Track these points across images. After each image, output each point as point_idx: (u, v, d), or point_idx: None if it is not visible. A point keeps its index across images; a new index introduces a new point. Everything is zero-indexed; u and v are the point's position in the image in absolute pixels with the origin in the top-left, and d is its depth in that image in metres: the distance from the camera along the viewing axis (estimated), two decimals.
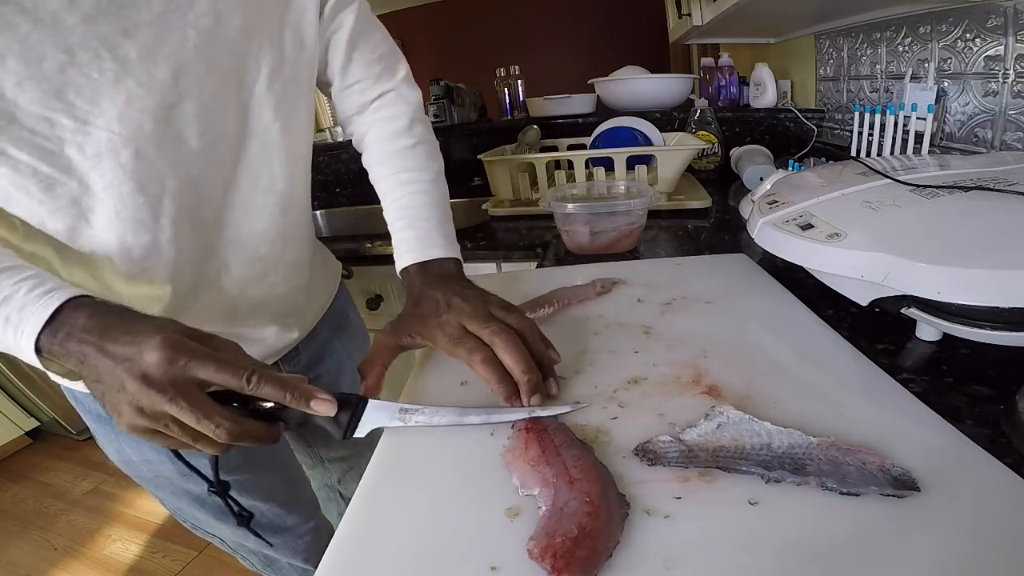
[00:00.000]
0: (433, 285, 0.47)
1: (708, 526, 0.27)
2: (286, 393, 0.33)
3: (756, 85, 1.35)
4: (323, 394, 0.34)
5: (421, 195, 0.55)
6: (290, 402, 0.33)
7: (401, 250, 0.53)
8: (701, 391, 0.38)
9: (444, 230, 0.54)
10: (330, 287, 0.69)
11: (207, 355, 0.32)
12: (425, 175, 0.57)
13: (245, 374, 0.32)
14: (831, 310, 0.49)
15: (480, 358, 0.39)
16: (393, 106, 0.59)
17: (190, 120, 0.42)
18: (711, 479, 0.30)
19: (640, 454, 0.32)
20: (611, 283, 0.59)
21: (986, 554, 0.24)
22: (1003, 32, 0.67)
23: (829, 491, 0.28)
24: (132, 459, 0.55)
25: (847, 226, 0.43)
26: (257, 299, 0.54)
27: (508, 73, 1.63)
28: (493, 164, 1.10)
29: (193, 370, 0.32)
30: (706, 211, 0.97)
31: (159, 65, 0.39)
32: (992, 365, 0.40)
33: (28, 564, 1.46)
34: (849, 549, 0.25)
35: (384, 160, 0.58)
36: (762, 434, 0.32)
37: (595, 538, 0.26)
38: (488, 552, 0.27)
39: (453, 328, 0.42)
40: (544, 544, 0.26)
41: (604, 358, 0.45)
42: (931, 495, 0.27)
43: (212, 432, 0.32)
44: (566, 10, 3.33)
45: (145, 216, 0.43)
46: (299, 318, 0.61)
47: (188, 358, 0.32)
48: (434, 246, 0.52)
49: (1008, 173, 0.44)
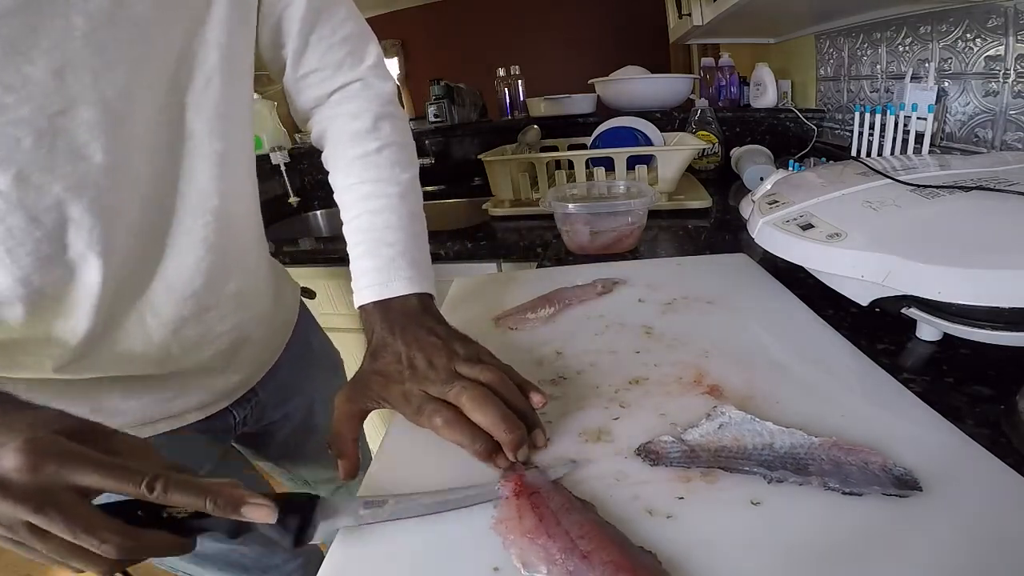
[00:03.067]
0: (393, 331, 0.41)
1: (711, 526, 0.27)
2: (206, 500, 0.27)
3: (756, 85, 1.35)
4: (258, 499, 0.28)
5: (385, 213, 0.46)
6: (213, 511, 0.28)
7: (359, 284, 0.45)
8: (703, 391, 0.38)
9: (410, 257, 0.45)
10: (288, 315, 0.60)
11: (89, 459, 0.27)
12: (390, 188, 0.47)
13: (145, 480, 0.27)
14: (831, 310, 0.49)
15: (440, 422, 0.34)
16: (357, 99, 0.50)
17: (89, 130, 0.34)
18: (713, 479, 0.30)
19: (642, 454, 0.32)
20: (612, 283, 0.59)
21: (988, 553, 0.24)
22: (1003, 32, 0.67)
23: (831, 491, 0.28)
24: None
25: (847, 226, 0.43)
26: (193, 339, 0.45)
27: (508, 73, 1.63)
28: (493, 164, 1.10)
29: (69, 476, 0.26)
30: (706, 211, 0.97)
31: (35, 63, 0.31)
32: (992, 365, 0.40)
33: (29, 563, 1.46)
34: (852, 549, 0.25)
35: (344, 167, 0.49)
36: (764, 434, 0.32)
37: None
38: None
39: (416, 397, 0.37)
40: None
41: (605, 358, 0.45)
42: (933, 495, 0.27)
43: (97, 548, 0.26)
44: (566, 10, 3.33)
45: (50, 251, 0.34)
46: (251, 357, 0.53)
47: (59, 463, 0.26)
48: (397, 279, 0.44)
49: (1008, 173, 0.44)
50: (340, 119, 0.50)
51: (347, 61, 0.50)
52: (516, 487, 0.31)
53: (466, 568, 0.27)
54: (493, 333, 0.52)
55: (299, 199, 1.50)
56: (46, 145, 0.32)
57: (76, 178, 0.34)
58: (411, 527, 0.29)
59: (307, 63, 0.49)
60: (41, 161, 0.32)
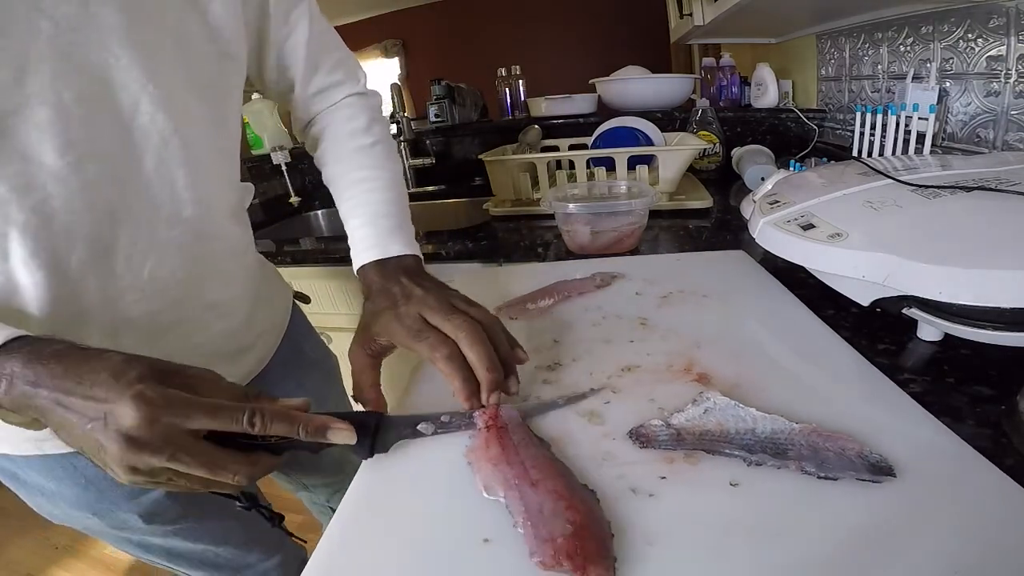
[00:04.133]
0: (390, 280, 0.44)
1: (690, 505, 0.28)
2: (297, 427, 0.31)
3: (757, 85, 1.35)
4: (339, 423, 0.32)
5: (380, 192, 0.51)
6: (305, 437, 0.31)
7: (358, 248, 0.48)
8: (692, 379, 0.39)
9: (405, 229, 0.50)
10: (278, 320, 0.61)
11: (192, 403, 0.29)
12: (384, 174, 0.53)
13: (245, 416, 0.29)
14: (832, 310, 0.49)
15: (444, 354, 0.36)
16: (354, 107, 0.57)
17: (41, 131, 0.33)
18: (695, 461, 0.31)
19: (633, 437, 0.33)
20: (611, 277, 0.60)
21: (956, 537, 0.25)
22: (1005, 32, 0.67)
23: (808, 475, 0.29)
24: (53, 512, 0.48)
25: (848, 226, 0.43)
26: (170, 351, 0.43)
27: (509, 73, 1.63)
28: (494, 164, 1.10)
29: (184, 423, 0.28)
30: (707, 211, 0.97)
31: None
32: (993, 365, 0.40)
33: (29, 563, 1.46)
34: (824, 530, 0.26)
35: (340, 158, 0.55)
36: (747, 419, 0.33)
37: (591, 526, 0.26)
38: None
39: (412, 320, 0.39)
40: (551, 551, 0.25)
41: (600, 347, 0.46)
42: (906, 481, 0.28)
43: (231, 480, 0.30)
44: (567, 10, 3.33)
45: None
46: (236, 363, 0.53)
47: (172, 413, 0.28)
48: (395, 243, 0.48)
49: (1010, 173, 0.44)
50: (338, 121, 0.56)
51: (347, 79, 0.57)
52: (489, 420, 0.35)
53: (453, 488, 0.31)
54: None
55: (300, 199, 1.50)
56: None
57: (25, 182, 0.33)
58: (413, 452, 0.35)
59: (316, 83, 0.55)
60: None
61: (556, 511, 0.27)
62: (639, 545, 0.26)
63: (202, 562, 0.57)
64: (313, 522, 0.84)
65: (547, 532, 0.26)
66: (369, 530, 0.30)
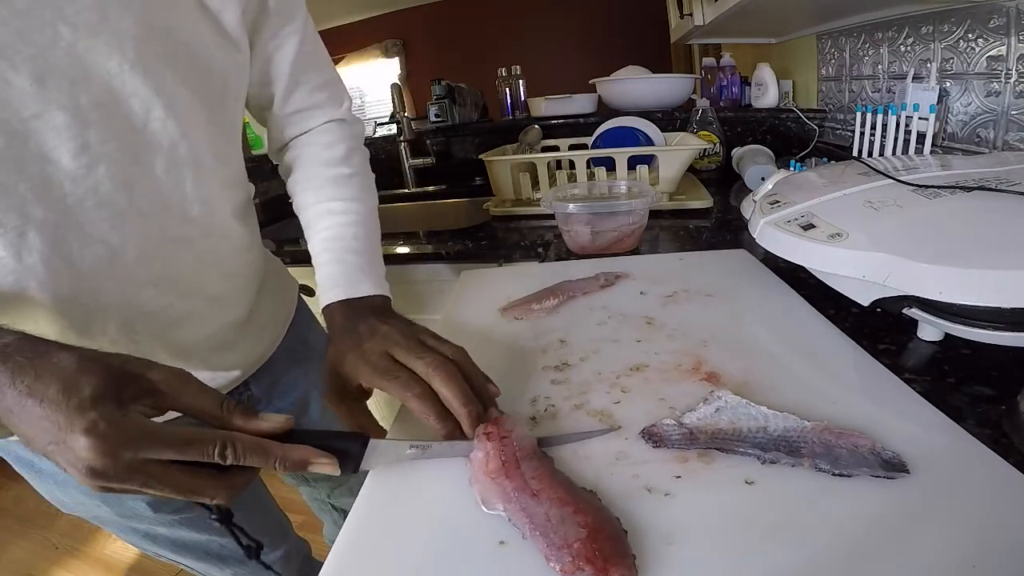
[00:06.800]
0: (354, 319, 0.42)
1: (706, 504, 0.28)
2: (274, 461, 0.29)
3: (758, 85, 1.35)
4: (321, 457, 0.30)
5: (353, 227, 0.50)
6: (282, 472, 0.29)
7: (326, 286, 0.47)
8: (701, 378, 0.40)
9: (375, 268, 0.49)
10: (283, 314, 0.61)
11: (153, 436, 0.27)
12: (359, 207, 0.51)
13: (216, 449, 0.28)
14: (832, 310, 0.49)
15: (417, 393, 0.35)
16: (333, 134, 0.55)
17: (59, 134, 0.35)
18: (709, 460, 0.31)
19: (646, 437, 0.33)
20: (615, 276, 0.60)
21: (971, 534, 0.25)
22: (1005, 32, 0.67)
23: (822, 472, 0.29)
24: (64, 500, 0.49)
25: (849, 226, 0.43)
26: (173, 344, 0.46)
27: (509, 73, 1.63)
28: (494, 164, 1.10)
29: (146, 455, 0.26)
30: (707, 211, 0.97)
31: (18, 69, 0.32)
32: (994, 365, 0.40)
33: (29, 563, 1.46)
34: (840, 527, 0.26)
35: (315, 187, 0.52)
36: (758, 418, 0.33)
37: (603, 526, 0.26)
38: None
39: (378, 357, 0.37)
40: (569, 557, 0.25)
41: (607, 346, 0.46)
42: (920, 477, 0.28)
43: (210, 502, 0.29)
44: (568, 10, 3.33)
45: (3, 253, 0.35)
46: (241, 355, 0.53)
47: (130, 447, 0.26)
48: (364, 282, 0.46)
49: (1010, 173, 0.44)
50: (315, 147, 0.54)
51: (329, 103, 0.55)
52: (488, 433, 0.34)
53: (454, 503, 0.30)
54: (499, 323, 0.54)
55: None
56: (17, 146, 0.34)
57: (42, 182, 0.35)
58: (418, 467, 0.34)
59: (295, 101, 0.53)
60: (9, 162, 0.34)
61: (564, 516, 0.27)
62: (659, 545, 0.26)
63: (207, 553, 0.57)
64: (313, 522, 0.84)
65: (560, 539, 0.26)
66: (377, 544, 0.29)
